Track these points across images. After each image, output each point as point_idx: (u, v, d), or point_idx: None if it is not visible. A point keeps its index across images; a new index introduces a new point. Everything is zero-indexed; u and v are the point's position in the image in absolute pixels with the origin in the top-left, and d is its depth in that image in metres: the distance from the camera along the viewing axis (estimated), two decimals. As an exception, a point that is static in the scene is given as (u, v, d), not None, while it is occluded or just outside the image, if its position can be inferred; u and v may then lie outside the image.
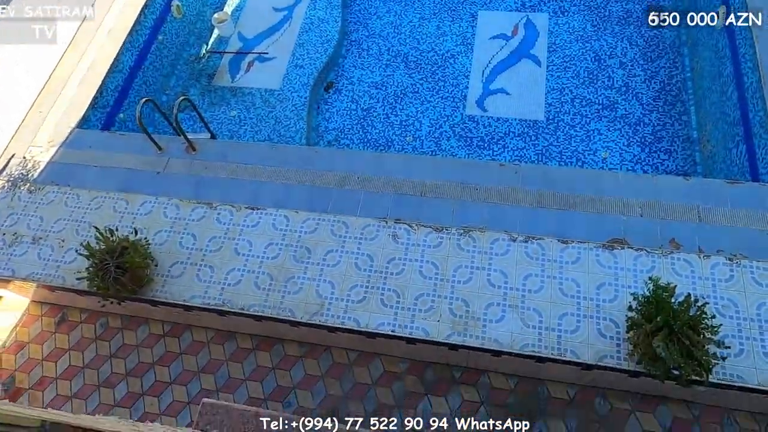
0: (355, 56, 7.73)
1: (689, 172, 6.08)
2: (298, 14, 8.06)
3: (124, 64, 6.65)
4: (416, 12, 8.04)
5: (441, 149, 6.65)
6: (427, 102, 7.08)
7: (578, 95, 6.81)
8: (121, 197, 5.21)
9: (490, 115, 6.83)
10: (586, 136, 6.48)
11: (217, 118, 7.20)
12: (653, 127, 6.44)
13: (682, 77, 6.80)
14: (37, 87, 6.22)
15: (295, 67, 7.48)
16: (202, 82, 7.62)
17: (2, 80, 6.42)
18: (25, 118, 5.99)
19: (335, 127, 7.06)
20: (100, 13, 6.88)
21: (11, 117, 6.00)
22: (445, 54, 7.51)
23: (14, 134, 5.87)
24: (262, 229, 4.80)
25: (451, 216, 4.65)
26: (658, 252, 4.23)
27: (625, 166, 6.21)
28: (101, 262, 4.33)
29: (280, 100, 7.19)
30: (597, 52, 7.17)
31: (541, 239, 4.42)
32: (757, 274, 4.04)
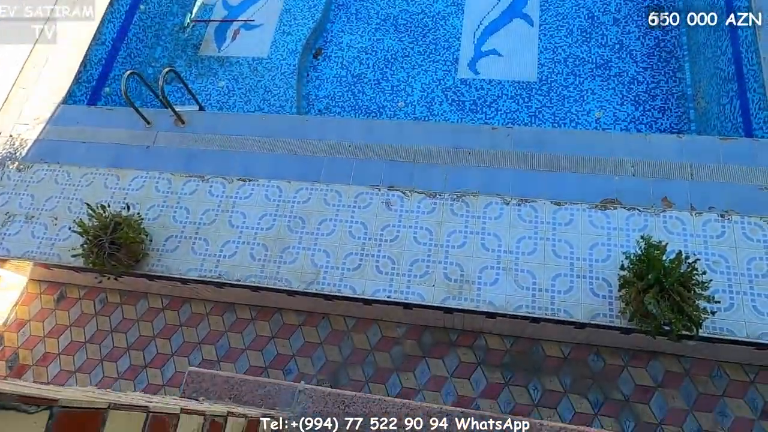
0: (344, 21, 7.55)
1: (683, 129, 6.05)
2: (284, -22, 7.82)
3: (106, 36, 6.49)
4: (405, -28, 7.81)
5: (433, 114, 6.58)
6: (418, 66, 6.95)
7: (571, 54, 6.70)
8: (112, 173, 5.17)
9: (482, 77, 6.72)
10: (579, 96, 6.41)
11: (206, 90, 7.08)
12: (647, 85, 6.36)
13: (676, 33, 6.67)
14: (18, 63, 6.08)
15: (283, 33, 7.31)
16: (188, 53, 7.45)
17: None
18: (8, 96, 5.88)
19: (325, 95, 6.95)
20: (78, -17, 6.67)
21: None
22: (436, 16, 7.33)
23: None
24: (255, 201, 4.78)
25: (444, 181, 4.63)
26: (651, 211, 4.24)
27: (619, 125, 6.16)
28: (95, 239, 4.33)
29: (268, 69, 7.06)
30: (590, 8, 7.01)
31: (534, 202, 4.42)
32: (748, 229, 4.07)
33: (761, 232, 4.05)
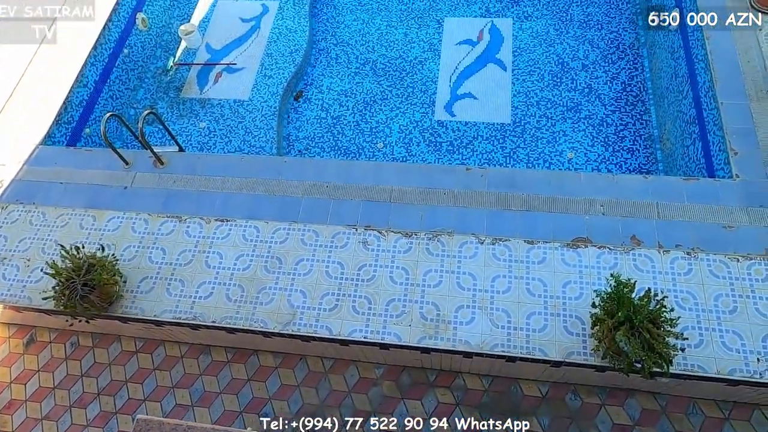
0: (324, 65, 7.78)
1: (651, 169, 6.28)
2: (266, 25, 8.08)
3: (89, 78, 6.57)
4: (383, 20, 8.13)
5: (411, 155, 6.73)
6: (396, 108, 7.15)
7: (543, 98, 6.97)
8: (88, 213, 5.14)
9: (458, 119, 6.94)
10: (552, 137, 6.63)
11: (186, 130, 7.17)
12: (616, 126, 6.63)
13: (641, 78, 7.01)
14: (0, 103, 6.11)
15: (264, 77, 7.49)
16: (171, 95, 7.57)
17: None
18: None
19: (306, 136, 7.08)
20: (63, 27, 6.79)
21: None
22: (413, 60, 7.60)
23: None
24: (232, 241, 4.79)
25: (420, 221, 4.71)
26: (620, 249, 4.35)
27: (590, 165, 6.37)
28: (67, 281, 4.27)
29: (249, 111, 7.19)
30: (560, 55, 7.35)
31: (507, 240, 4.51)
32: (714, 266, 4.19)
33: (726, 269, 4.17)
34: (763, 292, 4.07)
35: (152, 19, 7.89)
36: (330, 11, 8.39)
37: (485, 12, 7.95)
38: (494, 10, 7.96)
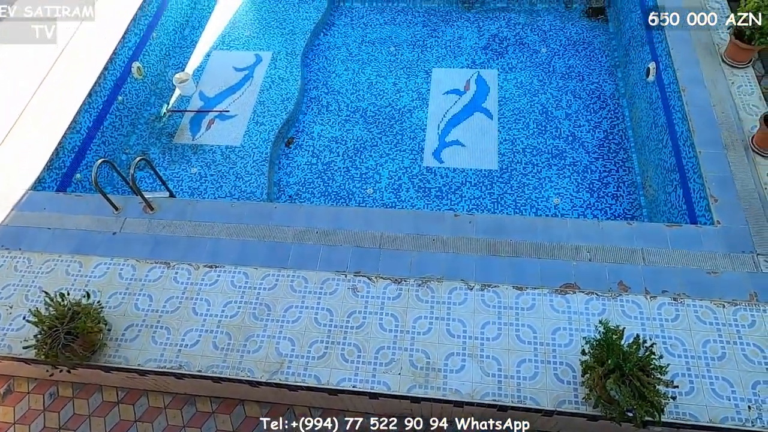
0: (315, 112, 7.96)
1: (635, 215, 6.40)
2: (259, 74, 8.31)
3: (82, 125, 6.65)
4: (373, 70, 8.40)
5: (401, 200, 6.82)
6: (385, 155, 7.29)
7: (529, 145, 7.16)
8: (75, 260, 5.10)
9: (446, 166, 7.08)
10: (538, 183, 6.77)
11: (178, 176, 7.22)
12: (600, 173, 6.80)
13: (622, 126, 7.26)
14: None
15: (256, 124, 7.63)
16: (163, 141, 7.66)
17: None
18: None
19: (296, 182, 7.17)
20: (57, 74, 6.92)
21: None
22: (402, 109, 7.82)
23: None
24: (220, 288, 4.76)
25: (410, 267, 4.73)
26: (608, 295, 4.39)
27: (576, 211, 6.49)
28: (50, 329, 4.18)
29: (240, 157, 7.28)
30: (544, 104, 7.61)
31: (497, 287, 4.53)
32: (700, 312, 4.23)
33: (712, 315, 4.21)
34: (750, 338, 4.10)
35: (147, 68, 8.08)
36: (321, 61, 8.67)
37: (471, 63, 8.27)
38: (480, 61, 8.27)
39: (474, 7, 9.17)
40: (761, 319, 4.17)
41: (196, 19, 9.38)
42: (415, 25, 9.00)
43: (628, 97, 7.45)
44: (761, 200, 4.82)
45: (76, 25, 7.52)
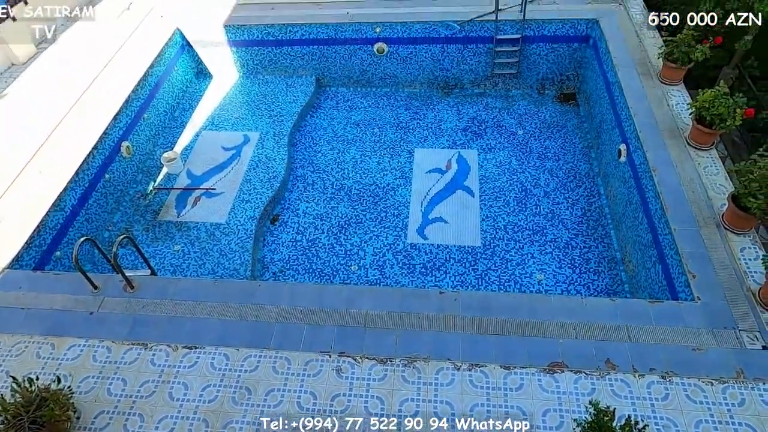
0: (301, 190, 8.11)
1: (618, 290, 6.47)
2: (247, 153, 8.53)
3: (66, 203, 6.65)
4: (358, 150, 8.70)
5: (385, 277, 6.81)
6: (370, 232, 7.37)
7: (510, 222, 7.33)
8: (47, 341, 4.89)
9: (430, 242, 7.16)
10: (521, 260, 6.86)
11: (161, 253, 7.15)
12: (580, 249, 6.93)
13: (599, 204, 7.51)
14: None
15: (242, 201, 7.72)
16: (147, 218, 7.66)
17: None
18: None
19: (281, 258, 7.14)
20: (46, 154, 7.01)
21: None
22: (386, 187, 8.02)
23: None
24: (199, 370, 4.58)
25: (395, 346, 4.64)
26: (596, 374, 4.33)
27: (560, 287, 6.53)
28: (14, 418, 3.93)
29: (225, 234, 7.29)
30: (523, 183, 7.89)
31: (484, 366, 4.44)
32: (690, 390, 4.18)
33: (702, 393, 4.16)
34: (741, 417, 4.03)
35: (136, 147, 8.25)
36: (308, 141, 8.96)
37: (452, 144, 8.62)
38: (460, 142, 8.64)
39: (453, 92, 9.73)
40: (750, 397, 4.13)
41: (186, 101, 9.74)
42: (397, 108, 9.46)
43: (603, 176, 7.78)
44: (737, 276, 4.94)
45: (69, 104, 7.75)
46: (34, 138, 7.22)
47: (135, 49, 8.93)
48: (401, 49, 9.36)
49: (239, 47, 9.75)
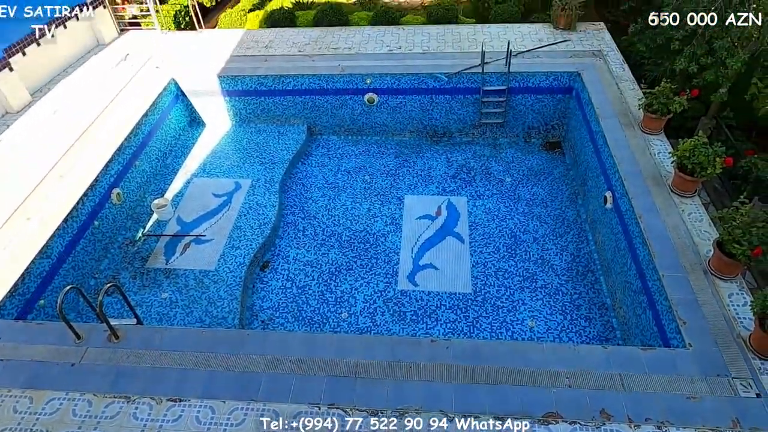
0: (291, 237, 8.11)
1: (609, 337, 6.43)
2: (237, 200, 8.56)
3: (53, 250, 6.58)
4: (349, 196, 8.78)
5: (376, 324, 6.72)
6: (360, 279, 7.34)
7: (500, 268, 7.34)
8: (25, 395, 4.71)
9: (421, 289, 7.13)
10: (512, 306, 6.83)
11: (147, 301, 7.03)
12: (570, 295, 6.93)
13: (588, 249, 7.58)
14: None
15: (232, 248, 7.68)
16: (135, 265, 7.58)
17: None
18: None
19: (270, 306, 7.05)
20: (36, 201, 6.99)
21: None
22: (377, 233, 8.05)
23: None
24: (183, 424, 4.41)
25: (386, 396, 4.53)
26: (591, 424, 4.24)
27: (551, 333, 6.48)
28: (-14, 478, 3.74)
29: (214, 281, 7.21)
30: (512, 229, 7.96)
31: (477, 417, 4.34)
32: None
33: (700, 445, 4.08)
34: (741, 470, 3.94)
35: (127, 194, 8.26)
36: (299, 188, 9.04)
37: (442, 191, 8.74)
38: (450, 189, 8.77)
39: (442, 140, 9.95)
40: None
41: (179, 149, 9.84)
42: (387, 156, 9.63)
43: (590, 222, 7.89)
44: (727, 322, 4.95)
45: (61, 152, 7.80)
46: (24, 185, 7.22)
47: (130, 99, 9.10)
48: (391, 99, 9.63)
49: (233, 96, 9.98)
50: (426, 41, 10.25)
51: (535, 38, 10.04)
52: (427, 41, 10.24)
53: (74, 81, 9.75)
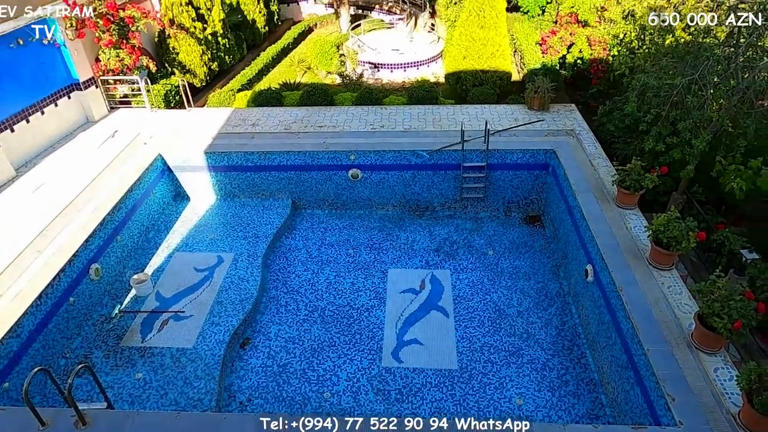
0: (273, 312, 7.95)
1: (599, 415, 6.26)
2: (219, 274, 8.46)
3: (24, 329, 6.33)
4: (332, 270, 8.74)
5: (359, 404, 6.47)
6: (344, 355, 7.15)
7: (486, 343, 7.24)
8: (-21, 491, 4.35)
9: (406, 366, 6.95)
10: (499, 383, 6.67)
11: (120, 382, 6.70)
12: (558, 371, 6.81)
13: (572, 323, 7.56)
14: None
15: (212, 324, 7.48)
16: (109, 344, 7.29)
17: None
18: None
19: (249, 386, 6.77)
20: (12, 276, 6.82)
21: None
22: (360, 308, 7.95)
23: None
24: None
25: (370, 486, 4.28)
26: None
27: (540, 411, 6.30)
28: None
29: (191, 359, 6.94)
30: (496, 302, 7.94)
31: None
32: None
33: None
34: None
35: (106, 269, 8.11)
36: (282, 262, 9.00)
37: (425, 264, 8.78)
38: (433, 262, 8.81)
39: (425, 214, 10.13)
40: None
41: (162, 223, 9.83)
42: (371, 230, 9.73)
43: (573, 295, 7.93)
44: (715, 398, 4.89)
45: (41, 227, 7.72)
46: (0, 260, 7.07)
47: (115, 174, 9.18)
48: (374, 175, 9.89)
49: (219, 172, 10.14)
50: (408, 120, 10.71)
51: (511, 118, 10.58)
52: (409, 120, 10.71)
53: (60, 157, 9.85)
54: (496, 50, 12.30)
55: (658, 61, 8.67)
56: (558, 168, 9.04)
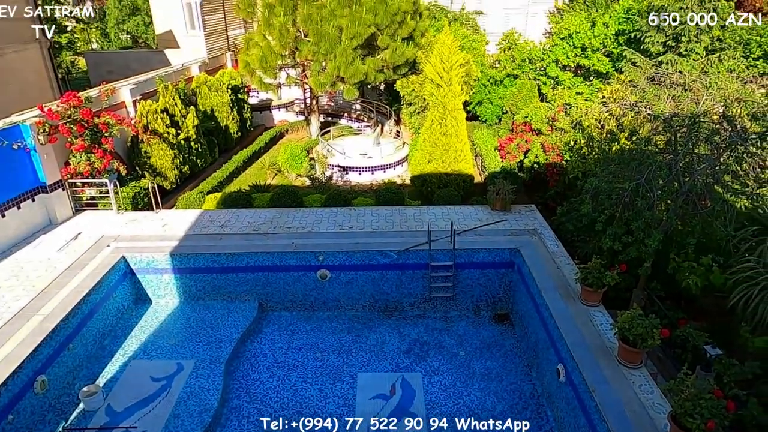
0: (235, 425, 7.42)
1: None
2: (178, 383, 7.96)
3: (-48, 454, 5.69)
4: (299, 376, 8.37)
5: None
6: (310, 472, 6.63)
7: (461, 452, 6.87)
8: None
9: (377, 482, 6.47)
10: (477, 498, 6.24)
11: None
12: (538, 482, 6.46)
13: (549, 427, 7.31)
14: None
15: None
16: (48, 467, 6.58)
17: None
18: None
19: None
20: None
21: None
22: (329, 416, 7.50)
23: None
24: None
25: None
26: None
27: None
28: None
29: (140, 484, 6.29)
30: (470, 407, 7.67)
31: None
32: None
33: None
34: None
35: (53, 381, 7.53)
36: (246, 368, 8.57)
37: (395, 367, 8.52)
38: (404, 365, 8.56)
39: (394, 314, 10.02)
40: None
41: (120, 329, 9.36)
42: (340, 332, 9.50)
43: (547, 396, 7.75)
44: (700, 507, 4.69)
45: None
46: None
47: (74, 278, 8.86)
48: (343, 275, 9.87)
49: (184, 274, 9.93)
50: (375, 221, 10.96)
51: (476, 218, 10.97)
52: (377, 221, 10.96)
53: (18, 260, 9.52)
54: (459, 155, 13.08)
55: (607, 166, 9.36)
56: (523, 266, 9.26)
